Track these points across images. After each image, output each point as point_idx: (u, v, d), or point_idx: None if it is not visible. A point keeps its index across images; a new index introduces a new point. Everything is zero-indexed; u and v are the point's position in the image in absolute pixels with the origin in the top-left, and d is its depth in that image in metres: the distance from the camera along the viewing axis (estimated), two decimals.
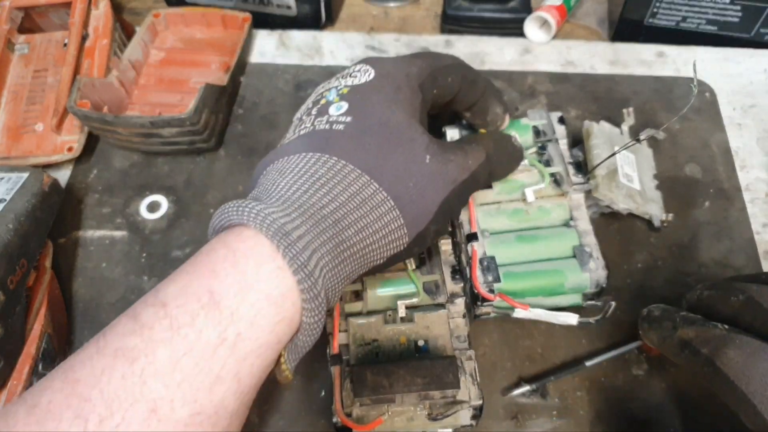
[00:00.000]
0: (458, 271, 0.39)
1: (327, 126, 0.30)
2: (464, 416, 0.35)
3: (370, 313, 0.38)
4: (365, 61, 0.34)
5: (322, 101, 0.32)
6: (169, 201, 0.50)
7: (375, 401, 0.33)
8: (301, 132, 0.31)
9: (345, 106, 0.31)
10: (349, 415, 0.34)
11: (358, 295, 0.38)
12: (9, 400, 0.37)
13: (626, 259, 0.46)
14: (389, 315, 0.37)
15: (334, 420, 0.35)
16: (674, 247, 0.46)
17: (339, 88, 0.32)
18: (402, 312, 0.37)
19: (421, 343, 0.36)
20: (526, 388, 0.39)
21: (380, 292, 0.38)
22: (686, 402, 0.40)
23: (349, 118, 0.30)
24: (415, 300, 0.38)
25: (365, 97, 0.31)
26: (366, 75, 0.32)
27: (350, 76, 0.33)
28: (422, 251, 0.39)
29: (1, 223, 0.38)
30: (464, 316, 0.38)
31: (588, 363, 0.40)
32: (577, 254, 0.39)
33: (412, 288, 0.38)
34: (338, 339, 0.37)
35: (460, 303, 0.38)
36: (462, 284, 0.39)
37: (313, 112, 0.32)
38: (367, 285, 0.38)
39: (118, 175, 0.51)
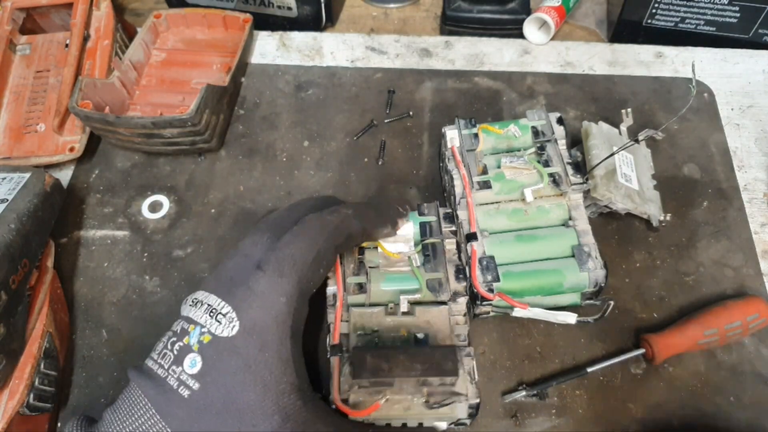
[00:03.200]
0: (462, 271, 0.39)
1: (176, 383, 0.29)
2: (461, 410, 0.34)
3: (372, 305, 0.38)
4: (236, 308, 0.31)
5: (185, 340, 0.31)
6: (170, 201, 0.50)
7: (373, 384, 0.33)
8: (159, 371, 0.30)
9: (199, 364, 0.29)
10: (345, 401, 0.34)
11: (361, 288, 0.38)
12: (11, 399, 0.37)
13: (625, 258, 0.46)
14: (391, 308, 0.38)
15: (332, 408, 0.34)
16: (673, 247, 0.46)
17: (203, 330, 0.30)
18: (404, 306, 0.37)
19: (421, 336, 0.36)
20: (523, 393, 0.40)
21: (384, 287, 0.38)
22: (685, 401, 0.40)
23: (197, 385, 0.29)
24: (417, 296, 0.38)
25: (221, 359, 0.30)
26: (230, 326, 0.30)
27: (217, 318, 0.31)
28: None
29: (3, 223, 0.38)
30: (465, 315, 0.38)
31: (590, 369, 0.40)
32: (575, 254, 0.40)
33: (415, 284, 0.38)
34: (339, 329, 0.37)
35: (462, 302, 0.38)
36: (465, 284, 0.39)
37: (176, 349, 0.31)
38: (371, 278, 0.38)
39: (120, 176, 0.52)
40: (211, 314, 0.31)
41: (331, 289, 0.39)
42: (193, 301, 0.32)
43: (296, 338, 0.32)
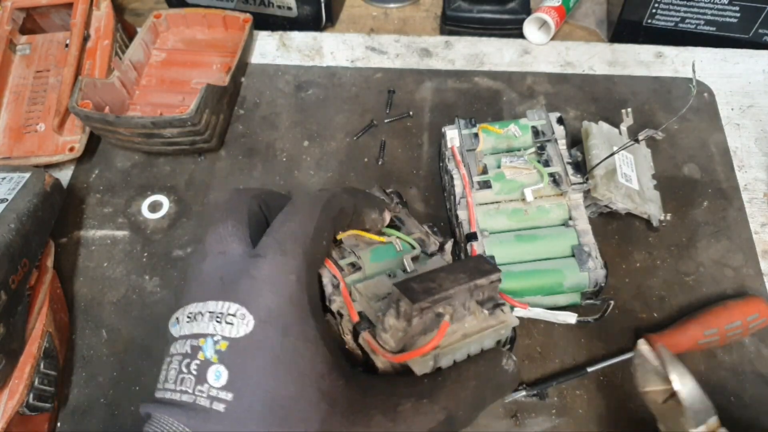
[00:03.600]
0: (434, 226, 0.39)
1: (207, 402, 0.27)
2: (512, 316, 0.33)
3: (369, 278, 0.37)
4: (244, 302, 0.28)
5: (200, 356, 0.28)
6: (170, 201, 0.50)
7: (433, 302, 0.31)
8: (185, 398, 0.27)
9: (224, 374, 0.27)
10: (401, 351, 0.31)
11: (354, 266, 0.38)
12: (11, 399, 0.37)
13: (625, 258, 0.46)
14: (390, 275, 0.37)
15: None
16: (673, 247, 0.46)
17: (216, 339, 0.28)
18: (410, 266, 0.37)
19: None
20: (523, 393, 0.40)
21: (373, 261, 0.38)
22: None
23: (229, 396, 0.27)
24: (417, 252, 0.38)
25: (246, 360, 0.27)
26: (244, 324, 0.28)
27: (227, 320, 0.28)
28: None
29: (3, 222, 0.38)
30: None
31: (590, 369, 0.40)
32: (575, 254, 0.40)
33: (396, 253, 0.38)
34: (354, 307, 0.35)
35: (448, 248, 0.38)
36: (441, 238, 0.39)
37: (192, 369, 0.28)
38: (360, 254, 0.38)
39: (120, 175, 0.52)
40: (218, 319, 0.28)
41: (326, 278, 0.37)
42: (189, 316, 0.30)
43: (317, 316, 0.30)
